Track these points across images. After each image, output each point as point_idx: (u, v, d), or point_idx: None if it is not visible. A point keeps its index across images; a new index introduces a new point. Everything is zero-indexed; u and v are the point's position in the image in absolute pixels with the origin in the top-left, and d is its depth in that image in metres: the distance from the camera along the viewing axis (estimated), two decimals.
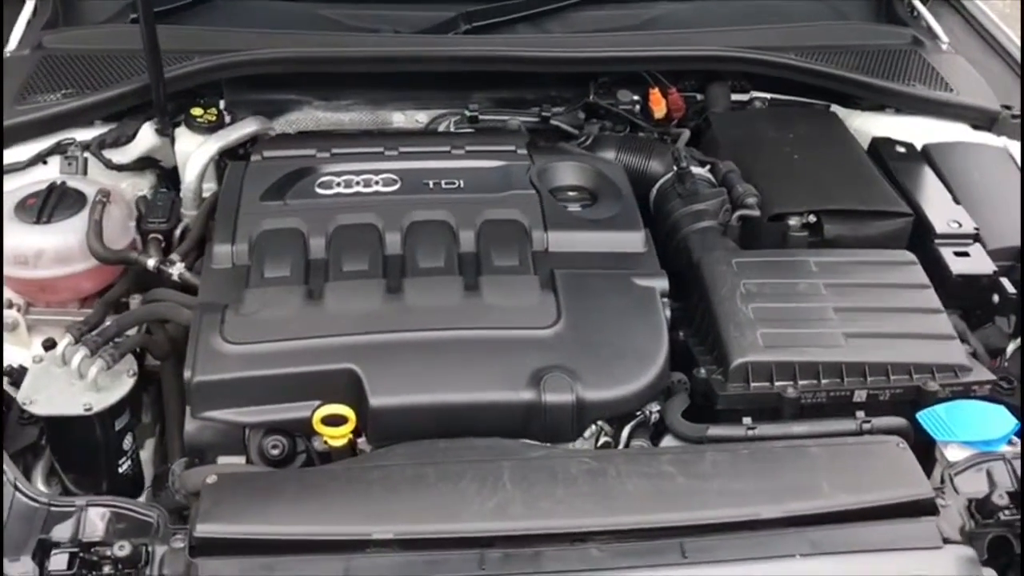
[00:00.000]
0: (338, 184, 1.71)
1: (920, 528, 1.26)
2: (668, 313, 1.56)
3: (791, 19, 2.20)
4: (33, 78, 1.91)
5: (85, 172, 1.80)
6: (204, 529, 1.20)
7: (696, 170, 1.84)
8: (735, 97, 2.13)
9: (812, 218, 1.73)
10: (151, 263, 1.63)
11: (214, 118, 1.91)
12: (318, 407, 1.40)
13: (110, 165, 1.83)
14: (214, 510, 1.23)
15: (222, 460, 1.47)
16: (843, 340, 1.50)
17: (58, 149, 1.80)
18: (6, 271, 1.62)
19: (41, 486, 1.48)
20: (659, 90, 2.05)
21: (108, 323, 1.55)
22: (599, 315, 1.52)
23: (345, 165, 1.76)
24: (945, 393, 1.49)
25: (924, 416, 1.43)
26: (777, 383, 1.47)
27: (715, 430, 1.41)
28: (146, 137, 1.87)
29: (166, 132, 1.88)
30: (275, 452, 1.42)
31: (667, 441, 1.44)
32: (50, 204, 1.66)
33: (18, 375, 1.52)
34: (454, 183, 1.73)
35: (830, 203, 1.73)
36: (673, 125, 2.09)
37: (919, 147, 1.95)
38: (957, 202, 1.81)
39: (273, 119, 2.03)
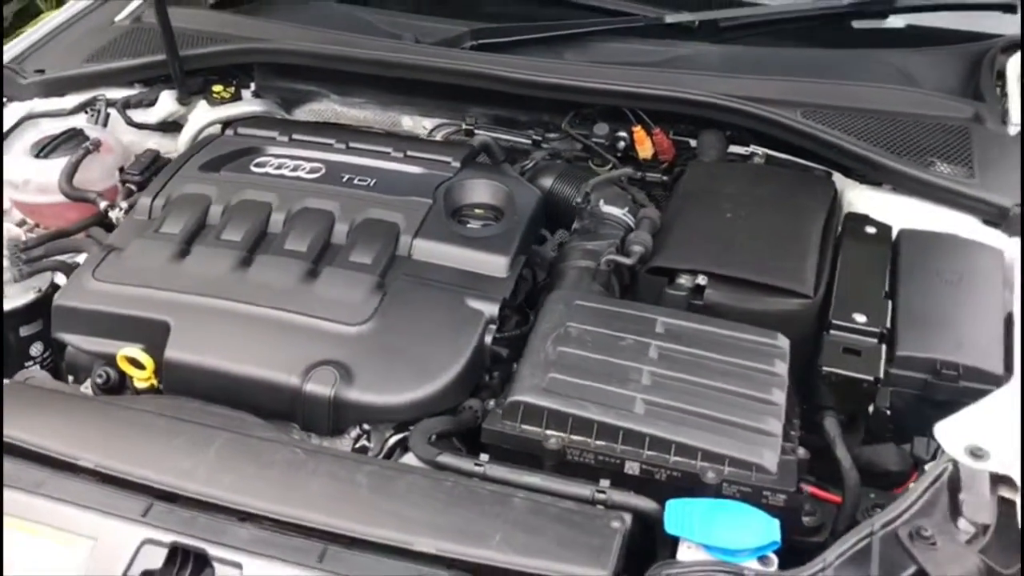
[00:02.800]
0: (271, 166, 1.84)
1: None
2: (489, 339, 1.52)
3: (843, 76, 1.98)
4: (113, 43, 2.25)
5: (105, 124, 2.10)
6: None
7: (610, 210, 1.74)
8: (736, 149, 1.97)
9: (703, 280, 1.58)
10: (102, 205, 1.87)
11: (228, 96, 2.14)
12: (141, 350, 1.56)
13: (130, 122, 2.11)
14: None
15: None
16: (639, 406, 1.37)
17: (91, 102, 2.12)
18: (14, 195, 1.95)
19: None
20: (643, 129, 1.96)
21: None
22: (411, 325, 1.52)
23: (290, 150, 1.89)
24: (732, 491, 1.31)
25: (672, 504, 1.27)
26: (547, 431, 1.38)
27: (446, 458, 1.35)
28: (165, 103, 2.13)
29: (183, 101, 2.13)
30: (99, 380, 1.58)
31: (407, 458, 1.41)
32: (54, 144, 1.97)
33: None
34: (366, 181, 1.79)
35: (719, 267, 1.57)
36: (662, 168, 1.98)
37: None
38: (888, 297, 1.55)
39: (297, 107, 2.23)
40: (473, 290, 1.58)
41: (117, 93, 2.15)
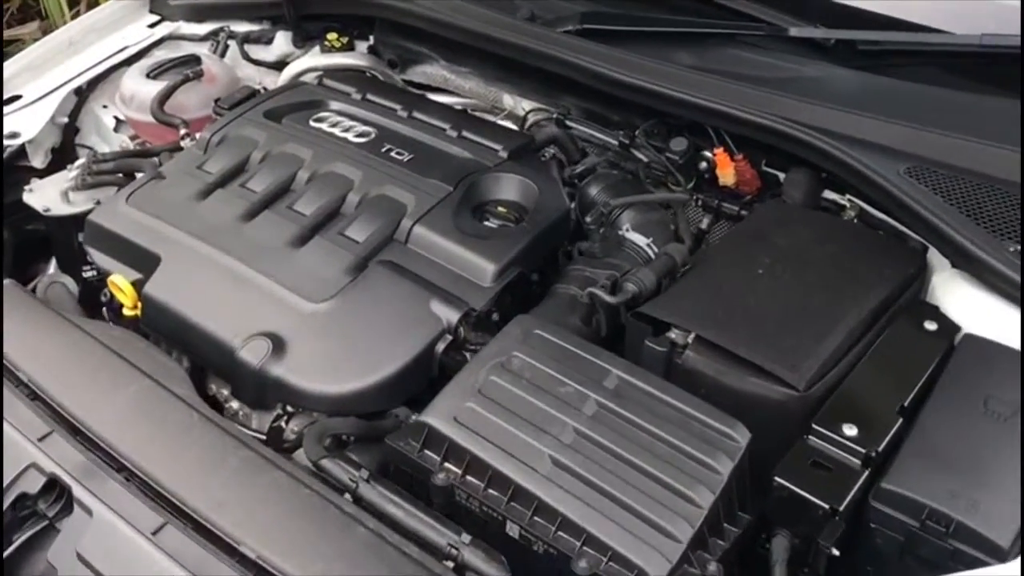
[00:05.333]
0: (327, 122, 1.82)
1: None
2: (441, 348, 1.41)
3: (993, 134, 1.61)
4: None
5: (223, 55, 2.17)
6: None
7: (633, 237, 1.54)
8: (833, 196, 1.68)
9: (690, 339, 1.36)
10: (182, 132, 1.94)
11: (340, 46, 2.13)
12: (135, 278, 1.60)
13: (246, 57, 2.17)
14: None
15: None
16: (545, 465, 1.21)
17: (216, 32, 2.20)
18: (122, 109, 2.07)
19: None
20: (725, 153, 1.71)
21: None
22: (366, 315, 1.45)
23: (353, 109, 1.86)
24: None
25: None
26: (446, 463, 1.26)
27: (328, 463, 1.27)
28: (280, 44, 2.16)
29: (298, 44, 2.15)
30: (103, 299, 1.66)
31: (299, 454, 1.35)
32: (166, 67, 2.06)
33: None
34: (403, 155, 1.72)
35: (707, 329, 1.34)
36: (743, 200, 1.73)
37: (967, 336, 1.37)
38: (903, 414, 1.25)
39: (411, 67, 2.18)
40: (445, 293, 1.47)
41: (244, 27, 2.22)
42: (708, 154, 1.76)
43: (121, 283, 1.56)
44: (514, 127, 1.97)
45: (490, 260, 1.50)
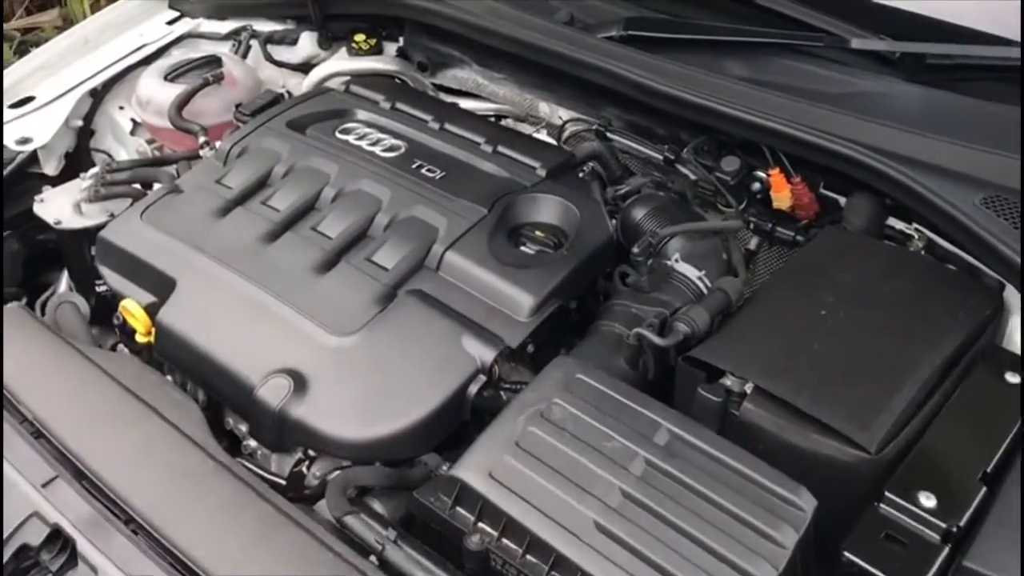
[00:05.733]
0: (354, 134, 1.71)
1: None
2: (475, 390, 1.31)
3: None
4: None
5: (244, 56, 2.06)
6: None
7: (683, 269, 1.43)
8: (897, 224, 1.55)
9: (747, 388, 1.25)
10: (201, 140, 1.83)
11: (368, 48, 2.01)
12: (149, 302, 1.50)
13: (268, 58, 2.06)
14: None
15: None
16: (589, 531, 1.11)
17: (238, 32, 2.08)
18: (139, 113, 1.97)
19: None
20: (781, 174, 1.59)
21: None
22: (394, 352, 1.34)
23: (382, 120, 1.75)
24: None
25: None
26: (479, 523, 1.16)
27: (353, 520, 1.17)
28: (305, 45, 2.05)
29: (324, 45, 2.04)
30: (116, 322, 1.57)
31: (321, 505, 1.25)
32: (184, 69, 1.96)
33: None
34: (435, 172, 1.61)
35: (767, 379, 1.22)
36: (799, 226, 1.61)
37: None
38: (986, 482, 1.13)
39: (442, 70, 2.06)
40: (479, 328, 1.36)
41: (267, 26, 2.11)
42: (762, 174, 1.64)
43: (134, 309, 1.46)
44: (552, 140, 1.86)
45: (528, 292, 1.39)
